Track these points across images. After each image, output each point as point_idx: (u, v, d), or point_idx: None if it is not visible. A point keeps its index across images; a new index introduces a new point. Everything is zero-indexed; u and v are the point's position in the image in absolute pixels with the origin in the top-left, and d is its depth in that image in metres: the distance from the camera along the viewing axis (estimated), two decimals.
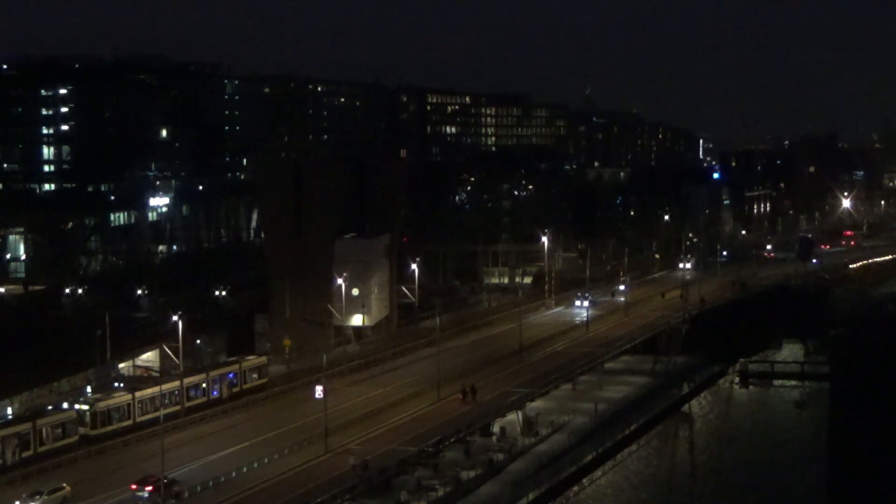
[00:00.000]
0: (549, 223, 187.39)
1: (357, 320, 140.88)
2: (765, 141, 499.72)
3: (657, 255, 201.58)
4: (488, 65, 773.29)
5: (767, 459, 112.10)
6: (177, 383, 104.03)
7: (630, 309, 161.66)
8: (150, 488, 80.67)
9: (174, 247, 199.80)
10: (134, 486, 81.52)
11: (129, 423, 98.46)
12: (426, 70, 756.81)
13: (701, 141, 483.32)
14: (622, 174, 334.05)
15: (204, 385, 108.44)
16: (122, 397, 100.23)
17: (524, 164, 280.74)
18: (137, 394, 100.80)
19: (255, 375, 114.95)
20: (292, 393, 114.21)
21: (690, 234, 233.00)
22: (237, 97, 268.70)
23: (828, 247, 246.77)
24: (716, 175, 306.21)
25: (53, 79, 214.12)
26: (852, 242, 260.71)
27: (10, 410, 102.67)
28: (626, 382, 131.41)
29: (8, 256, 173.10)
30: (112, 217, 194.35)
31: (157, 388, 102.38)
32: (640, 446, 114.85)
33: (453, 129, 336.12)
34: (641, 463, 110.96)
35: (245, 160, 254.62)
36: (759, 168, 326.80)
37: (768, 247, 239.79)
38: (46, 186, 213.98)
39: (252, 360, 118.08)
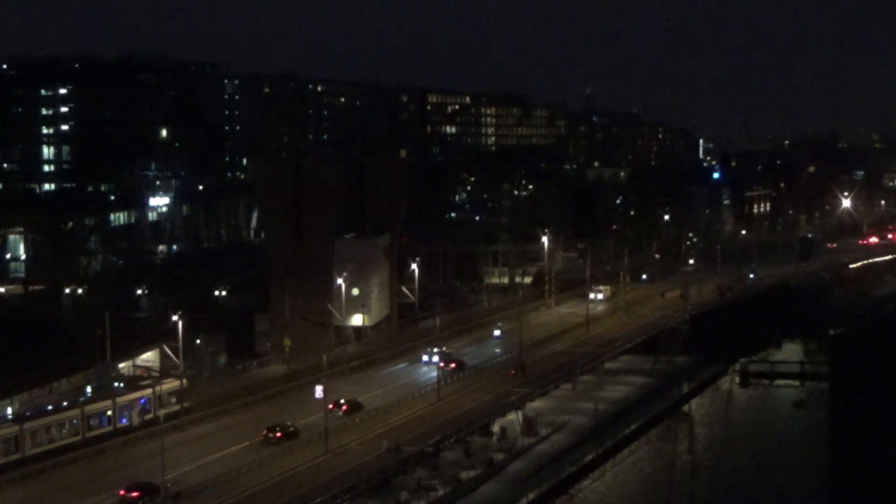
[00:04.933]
0: (549, 223, 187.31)
1: (357, 320, 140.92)
2: (765, 141, 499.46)
3: (657, 255, 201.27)
4: (488, 65, 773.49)
5: (767, 459, 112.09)
6: (77, 411, 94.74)
7: (630, 309, 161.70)
8: None
9: (174, 247, 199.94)
10: None
11: (18, 456, 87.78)
12: (426, 70, 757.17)
13: (701, 141, 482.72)
14: (622, 174, 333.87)
15: (110, 412, 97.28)
16: (8, 428, 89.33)
17: (524, 164, 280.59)
18: (26, 424, 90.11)
19: (173, 400, 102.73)
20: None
21: (690, 234, 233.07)
22: (237, 97, 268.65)
23: (876, 239, 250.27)
24: (716, 175, 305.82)
25: (53, 79, 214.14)
26: None
27: (10, 410, 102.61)
28: (626, 382, 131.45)
29: (8, 256, 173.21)
30: (112, 217, 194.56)
31: (51, 418, 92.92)
32: (640, 446, 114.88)
33: (453, 129, 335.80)
34: (641, 463, 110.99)
35: (245, 160, 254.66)
36: (759, 168, 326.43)
37: (690, 261, 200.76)
38: (46, 186, 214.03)
39: (169, 383, 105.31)
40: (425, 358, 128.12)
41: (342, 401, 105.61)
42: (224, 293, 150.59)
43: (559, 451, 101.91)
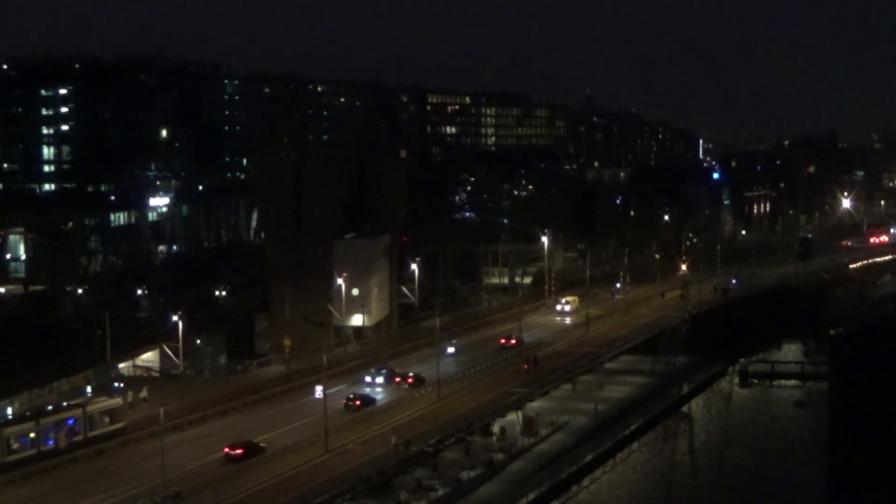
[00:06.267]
0: (549, 223, 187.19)
1: (357, 320, 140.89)
2: (765, 141, 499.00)
3: (657, 256, 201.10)
4: (488, 65, 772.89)
5: (767, 459, 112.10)
6: None
7: (630, 309, 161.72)
8: None
9: (174, 247, 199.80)
10: None
11: None
12: (426, 70, 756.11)
13: (701, 141, 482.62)
14: (622, 174, 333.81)
15: (33, 434, 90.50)
16: None
17: (524, 164, 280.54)
18: None
19: (106, 420, 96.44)
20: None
21: (690, 234, 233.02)
22: (237, 97, 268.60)
23: (887, 238, 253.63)
24: (716, 175, 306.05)
25: (53, 79, 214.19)
26: None
27: (10, 410, 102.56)
28: (626, 382, 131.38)
29: (8, 256, 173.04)
30: (112, 217, 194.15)
31: None
32: (640, 446, 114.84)
33: (453, 129, 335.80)
34: (641, 463, 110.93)
35: (245, 160, 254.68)
36: (759, 168, 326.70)
37: (683, 266, 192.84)
38: (46, 186, 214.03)
39: (101, 402, 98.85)
40: (368, 378, 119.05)
41: (410, 374, 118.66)
42: (224, 293, 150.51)
43: (559, 451, 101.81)
